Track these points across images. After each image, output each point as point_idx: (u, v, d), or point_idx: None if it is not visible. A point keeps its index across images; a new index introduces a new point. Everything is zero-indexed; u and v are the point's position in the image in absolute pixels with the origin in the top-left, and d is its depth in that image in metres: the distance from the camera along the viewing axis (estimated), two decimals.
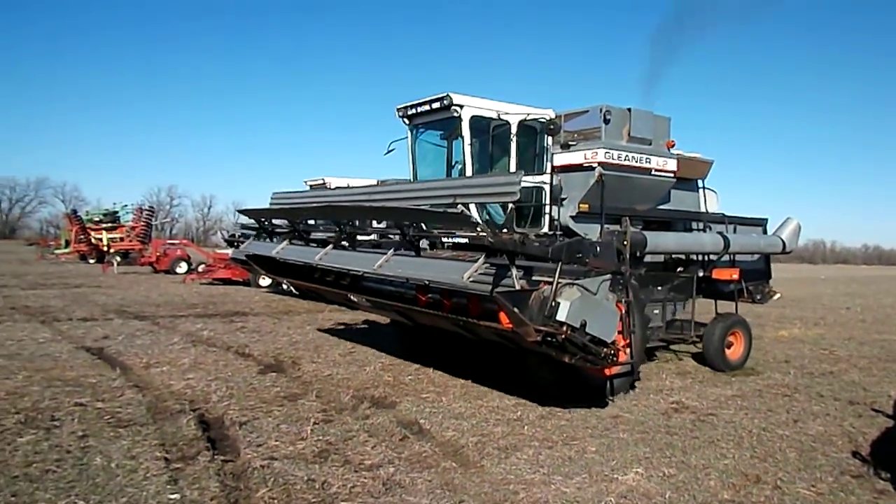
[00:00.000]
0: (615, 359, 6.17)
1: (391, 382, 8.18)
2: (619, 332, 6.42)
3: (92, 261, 34.97)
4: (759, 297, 11.36)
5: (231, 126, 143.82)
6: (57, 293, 18.65)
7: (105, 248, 35.60)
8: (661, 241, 8.96)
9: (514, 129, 8.66)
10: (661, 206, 10.19)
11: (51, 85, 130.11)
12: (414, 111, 9.13)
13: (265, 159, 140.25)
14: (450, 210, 6.83)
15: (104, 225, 37.88)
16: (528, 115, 8.71)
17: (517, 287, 5.77)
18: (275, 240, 10.01)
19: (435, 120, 9.06)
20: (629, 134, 9.60)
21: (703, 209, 10.87)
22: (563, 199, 8.81)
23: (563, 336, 5.61)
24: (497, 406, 7.15)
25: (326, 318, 13.80)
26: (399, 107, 9.36)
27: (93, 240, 36.35)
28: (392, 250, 7.53)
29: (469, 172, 8.57)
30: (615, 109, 9.50)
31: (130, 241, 35.86)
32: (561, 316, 5.55)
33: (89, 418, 6.15)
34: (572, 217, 8.72)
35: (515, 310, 5.43)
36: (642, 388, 8.32)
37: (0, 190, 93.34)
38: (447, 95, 8.45)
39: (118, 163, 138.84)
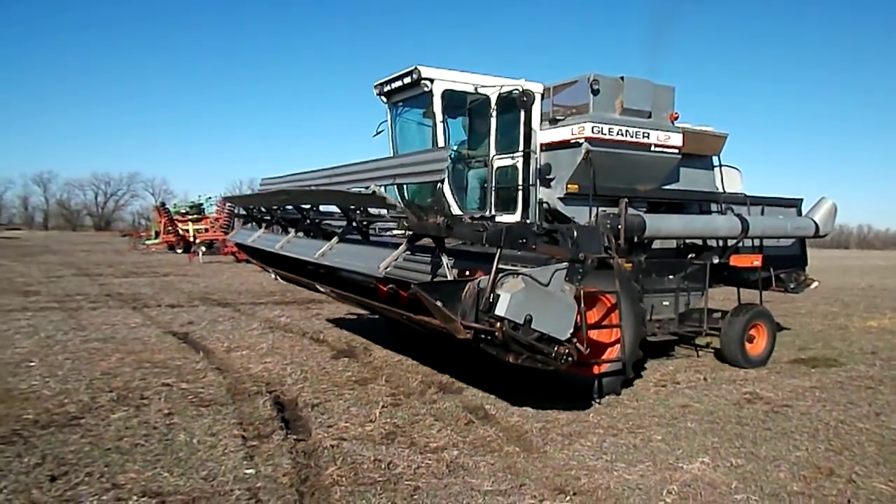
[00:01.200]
0: (572, 359, 5.31)
1: (459, 368, 8.30)
2: (578, 328, 5.63)
3: (179, 251, 36.72)
4: (792, 285, 10.23)
5: (310, 118, 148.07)
6: (147, 281, 19.77)
7: (191, 239, 37.31)
8: (665, 225, 8.26)
9: (493, 104, 7.82)
10: (668, 186, 9.11)
11: (141, 85, 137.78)
12: (389, 87, 8.36)
13: (344, 151, 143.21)
14: (364, 191, 6.10)
15: (190, 216, 39.76)
16: (502, 86, 7.79)
17: (449, 277, 5.22)
18: (261, 227, 9.60)
19: (410, 96, 8.28)
20: (623, 105, 8.56)
21: (719, 189, 9.73)
22: (551, 180, 8.07)
23: (501, 333, 4.91)
24: (563, 393, 7.14)
25: None
26: (375, 84, 8.66)
27: (180, 231, 38.19)
28: (336, 238, 7.16)
29: None
30: (605, 79, 8.43)
31: (214, 231, 37.33)
32: (500, 310, 4.86)
33: (174, 398, 6.56)
34: (560, 199, 7.97)
35: (438, 303, 4.84)
36: (714, 378, 8.13)
37: (96, 184, 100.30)
38: (415, 69, 7.64)
39: (203, 157, 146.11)
